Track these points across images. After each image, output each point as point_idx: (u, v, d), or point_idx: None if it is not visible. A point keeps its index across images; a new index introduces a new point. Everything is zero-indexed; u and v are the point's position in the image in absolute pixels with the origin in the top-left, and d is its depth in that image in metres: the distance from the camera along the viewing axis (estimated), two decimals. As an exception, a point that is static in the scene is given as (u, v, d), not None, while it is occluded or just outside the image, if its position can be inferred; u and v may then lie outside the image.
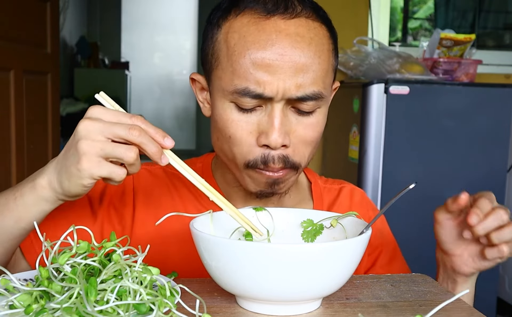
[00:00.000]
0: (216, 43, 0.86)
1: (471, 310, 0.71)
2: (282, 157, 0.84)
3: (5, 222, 0.78)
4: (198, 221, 0.74)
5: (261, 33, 0.81)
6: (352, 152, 2.28)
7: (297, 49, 0.81)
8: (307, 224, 0.80)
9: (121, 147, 0.69)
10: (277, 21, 0.81)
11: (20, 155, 2.37)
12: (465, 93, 2.23)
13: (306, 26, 0.83)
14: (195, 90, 0.94)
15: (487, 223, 0.79)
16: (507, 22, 3.71)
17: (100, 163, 0.69)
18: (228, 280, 0.67)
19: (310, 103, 0.83)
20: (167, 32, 7.63)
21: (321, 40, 0.84)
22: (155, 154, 0.71)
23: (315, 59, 0.82)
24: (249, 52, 0.80)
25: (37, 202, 0.76)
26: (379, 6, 2.78)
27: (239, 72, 0.81)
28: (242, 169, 0.86)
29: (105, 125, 0.70)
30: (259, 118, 0.83)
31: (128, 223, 0.93)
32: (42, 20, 2.62)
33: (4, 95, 2.26)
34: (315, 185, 1.02)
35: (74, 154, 0.70)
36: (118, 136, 0.69)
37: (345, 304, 0.72)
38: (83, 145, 0.69)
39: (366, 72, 2.37)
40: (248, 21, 0.82)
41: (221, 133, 0.87)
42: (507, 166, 2.31)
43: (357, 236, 0.69)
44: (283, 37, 0.80)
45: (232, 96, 0.83)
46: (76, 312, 0.57)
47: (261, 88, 0.80)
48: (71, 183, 0.72)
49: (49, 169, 0.75)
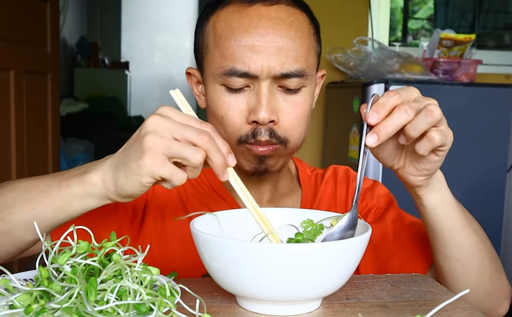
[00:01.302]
0: (205, 33, 0.92)
1: (471, 310, 0.71)
2: (269, 130, 0.88)
3: (43, 209, 0.74)
4: (198, 221, 0.74)
5: (245, 18, 0.87)
6: (352, 152, 2.28)
7: (278, 30, 0.87)
8: (307, 224, 0.80)
9: (189, 148, 0.65)
10: (259, 8, 0.88)
11: (20, 155, 2.36)
12: (465, 93, 2.24)
13: (286, 12, 0.89)
14: (191, 84, 1.00)
15: (391, 119, 0.69)
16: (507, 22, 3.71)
17: (164, 162, 0.65)
18: (228, 280, 0.67)
19: (295, 80, 0.88)
20: (167, 32, 7.62)
21: (301, 24, 0.90)
22: (220, 166, 0.67)
23: (295, 39, 0.88)
24: (234, 36, 0.87)
25: (85, 196, 0.73)
26: (379, 6, 2.78)
27: (225, 55, 0.87)
28: (235, 147, 0.90)
29: (175, 124, 0.66)
30: (248, 98, 0.89)
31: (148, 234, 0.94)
32: (42, 20, 2.62)
33: (4, 95, 2.26)
34: (302, 172, 1.06)
35: (138, 149, 0.66)
36: (187, 139, 0.66)
37: (345, 304, 0.72)
38: (149, 140, 0.65)
39: (366, 72, 2.37)
40: (233, 10, 0.89)
41: (214, 116, 0.92)
42: (507, 166, 2.31)
43: (357, 236, 0.69)
44: (264, 20, 0.87)
45: (221, 79, 0.88)
46: (76, 312, 0.57)
47: (246, 66, 0.86)
48: (128, 180, 0.68)
49: (105, 165, 0.71)
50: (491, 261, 0.89)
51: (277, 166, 0.94)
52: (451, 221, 0.84)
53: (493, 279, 0.89)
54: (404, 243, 0.97)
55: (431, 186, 0.81)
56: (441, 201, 0.83)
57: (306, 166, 1.08)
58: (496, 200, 2.29)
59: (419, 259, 0.95)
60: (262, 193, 1.00)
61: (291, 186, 1.04)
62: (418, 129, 0.70)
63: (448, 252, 0.86)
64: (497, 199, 2.29)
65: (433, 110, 0.70)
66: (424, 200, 0.82)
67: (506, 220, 2.34)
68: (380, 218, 1.00)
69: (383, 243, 0.97)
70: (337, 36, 2.56)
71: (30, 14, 2.49)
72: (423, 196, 0.82)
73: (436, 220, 0.83)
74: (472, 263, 0.86)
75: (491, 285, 0.89)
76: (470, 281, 0.87)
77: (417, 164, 0.78)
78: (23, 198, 0.75)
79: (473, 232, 0.86)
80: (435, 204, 0.82)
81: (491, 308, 0.91)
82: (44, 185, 0.75)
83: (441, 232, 0.84)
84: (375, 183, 1.05)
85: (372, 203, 1.02)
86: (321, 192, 1.03)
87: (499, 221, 2.31)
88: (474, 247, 0.86)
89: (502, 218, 2.32)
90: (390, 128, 0.70)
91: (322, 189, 1.03)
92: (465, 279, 0.87)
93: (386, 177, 2.11)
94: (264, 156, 0.90)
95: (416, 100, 0.73)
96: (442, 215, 0.83)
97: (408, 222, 0.99)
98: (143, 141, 0.65)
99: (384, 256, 0.97)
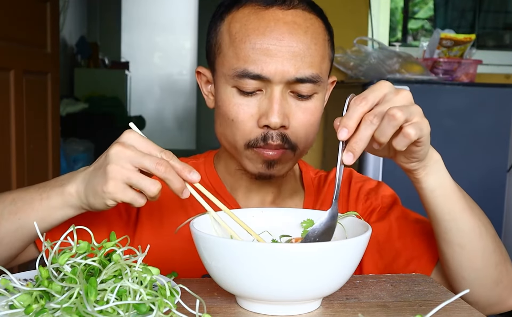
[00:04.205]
0: (219, 33, 0.92)
1: (471, 310, 0.71)
2: (281, 135, 0.89)
3: (27, 219, 0.81)
4: (198, 221, 0.74)
5: (261, 21, 0.87)
6: (352, 152, 2.28)
7: (294, 35, 0.87)
8: (307, 224, 0.80)
9: (146, 180, 0.73)
10: (276, 11, 0.88)
11: (20, 155, 2.36)
12: (465, 93, 2.23)
13: (303, 17, 0.89)
14: (200, 83, 1.00)
15: (360, 134, 0.70)
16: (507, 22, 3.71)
17: (125, 189, 0.73)
18: (228, 280, 0.67)
19: (308, 86, 0.88)
20: (167, 32, 7.62)
21: (317, 30, 0.90)
22: (178, 189, 0.74)
23: (311, 45, 0.88)
24: (249, 38, 0.87)
25: (63, 207, 0.80)
26: (379, 6, 2.78)
27: (239, 56, 0.87)
28: (242, 151, 0.91)
29: (136, 154, 0.73)
30: (259, 102, 0.88)
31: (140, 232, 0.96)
32: (42, 20, 2.62)
33: (4, 95, 2.26)
34: (306, 174, 1.06)
35: (103, 175, 0.74)
36: (145, 168, 0.73)
37: (345, 304, 0.72)
38: (111, 169, 0.73)
39: (366, 72, 2.37)
40: (249, 11, 0.89)
41: (223, 118, 0.91)
42: (507, 166, 2.31)
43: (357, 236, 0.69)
44: (281, 25, 0.87)
45: (233, 80, 0.88)
46: (76, 312, 0.57)
47: (259, 69, 0.86)
48: (96, 200, 0.76)
49: (78, 179, 0.79)
50: (495, 248, 0.88)
51: (283, 171, 0.93)
52: (451, 204, 0.83)
53: (499, 267, 0.88)
54: (409, 240, 0.96)
55: (428, 168, 0.81)
56: (440, 183, 0.82)
57: (310, 168, 1.08)
58: (496, 200, 2.29)
59: (425, 255, 0.95)
60: (266, 194, 1.00)
61: (294, 187, 1.04)
62: (386, 135, 0.70)
63: (450, 236, 0.85)
64: (497, 199, 2.29)
65: (395, 113, 0.68)
66: (423, 183, 0.82)
67: (506, 220, 2.34)
68: (384, 216, 0.99)
69: (388, 241, 0.96)
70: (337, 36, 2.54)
71: (30, 14, 2.49)
72: (421, 179, 0.81)
73: (435, 203, 0.83)
74: (474, 248, 0.85)
75: (497, 273, 0.88)
76: (475, 268, 0.86)
77: (404, 154, 0.78)
78: (10, 209, 0.82)
79: (474, 216, 0.85)
80: (433, 186, 0.82)
81: (499, 300, 0.90)
82: (29, 197, 0.82)
83: (441, 216, 0.84)
84: (380, 183, 1.05)
85: (376, 203, 1.01)
86: (324, 194, 1.03)
87: (499, 221, 2.31)
88: (476, 231, 0.85)
89: (502, 218, 2.32)
90: (361, 143, 0.70)
91: (325, 191, 1.03)
92: (469, 264, 0.86)
93: (386, 177, 2.11)
94: (274, 161, 0.90)
95: (386, 98, 0.72)
96: (441, 197, 0.82)
97: (412, 218, 0.99)
98: (107, 170, 0.73)
99: (390, 255, 0.96)
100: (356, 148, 0.70)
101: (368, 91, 0.72)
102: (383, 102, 0.71)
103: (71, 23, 5.85)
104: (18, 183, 2.34)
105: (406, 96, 0.73)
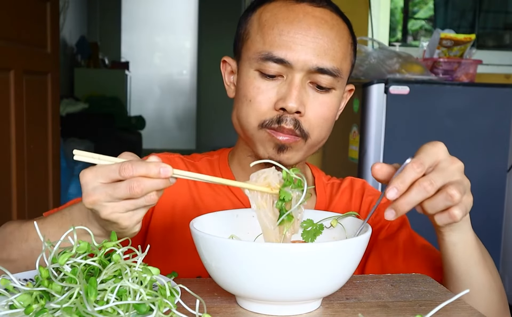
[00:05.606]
0: (249, 21, 0.96)
1: (471, 310, 0.71)
2: (295, 120, 0.90)
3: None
4: (198, 221, 0.74)
5: (291, 12, 0.92)
6: (352, 152, 2.28)
7: (321, 29, 0.91)
8: (307, 224, 0.80)
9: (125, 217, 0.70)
10: (306, 6, 0.92)
11: (20, 155, 2.36)
12: (465, 93, 2.23)
13: (330, 15, 0.93)
14: (224, 73, 1.02)
15: (409, 197, 0.70)
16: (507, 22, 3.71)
17: (134, 214, 0.70)
18: (228, 280, 0.67)
19: (328, 78, 0.91)
20: (167, 32, 7.62)
21: (342, 30, 0.94)
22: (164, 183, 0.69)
23: (335, 41, 0.92)
24: (278, 25, 0.91)
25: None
26: (379, 6, 2.78)
27: (266, 41, 0.91)
28: (255, 132, 0.92)
29: (106, 191, 0.68)
30: (279, 87, 0.91)
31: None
32: (42, 20, 2.62)
33: (4, 95, 2.26)
34: (318, 180, 1.06)
35: (107, 224, 0.72)
36: (122, 198, 0.69)
37: (345, 304, 0.72)
38: (109, 215, 0.69)
39: (366, 72, 2.36)
40: (281, 4, 0.93)
41: (241, 100, 0.94)
42: (507, 166, 2.31)
43: (357, 236, 0.69)
44: (309, 18, 0.91)
45: (257, 63, 0.91)
46: (76, 312, 0.57)
47: (283, 54, 0.89)
48: (124, 235, 0.73)
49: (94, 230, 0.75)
50: (500, 299, 0.89)
51: (293, 160, 0.94)
52: (468, 257, 0.83)
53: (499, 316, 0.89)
54: (413, 266, 0.96)
55: (455, 225, 0.80)
56: (463, 238, 0.82)
57: (322, 174, 1.09)
58: (496, 200, 2.29)
59: None
60: None
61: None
62: (435, 209, 0.72)
63: (459, 284, 0.85)
64: (497, 199, 2.29)
65: (454, 195, 0.70)
66: (446, 237, 0.81)
67: (506, 220, 2.33)
68: (392, 236, 0.99)
69: (392, 261, 0.97)
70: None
71: (30, 14, 2.49)
72: (446, 233, 0.81)
73: (454, 254, 0.83)
74: (481, 299, 0.86)
75: None
76: None
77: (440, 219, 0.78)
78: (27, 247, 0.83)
79: (486, 269, 0.86)
80: (456, 241, 0.82)
81: None
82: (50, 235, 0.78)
83: (456, 267, 0.84)
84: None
85: (386, 220, 1.01)
86: (336, 201, 1.03)
87: (499, 221, 2.31)
88: (486, 285, 0.86)
89: (502, 218, 2.32)
90: (408, 207, 0.71)
91: (337, 198, 1.04)
92: None
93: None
94: (284, 146, 0.91)
95: (441, 165, 0.72)
96: (461, 251, 0.82)
97: (419, 244, 0.99)
98: (108, 218, 0.70)
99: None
100: (401, 210, 0.70)
101: (424, 155, 0.72)
102: (438, 170, 0.72)
103: (71, 23, 5.85)
104: (18, 183, 2.34)
105: (460, 167, 0.73)
